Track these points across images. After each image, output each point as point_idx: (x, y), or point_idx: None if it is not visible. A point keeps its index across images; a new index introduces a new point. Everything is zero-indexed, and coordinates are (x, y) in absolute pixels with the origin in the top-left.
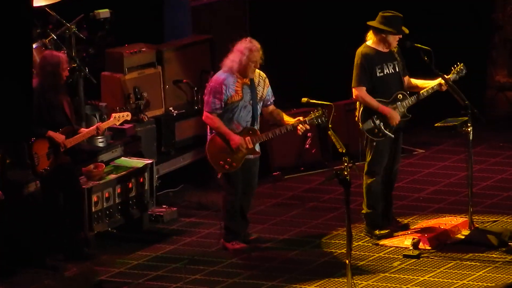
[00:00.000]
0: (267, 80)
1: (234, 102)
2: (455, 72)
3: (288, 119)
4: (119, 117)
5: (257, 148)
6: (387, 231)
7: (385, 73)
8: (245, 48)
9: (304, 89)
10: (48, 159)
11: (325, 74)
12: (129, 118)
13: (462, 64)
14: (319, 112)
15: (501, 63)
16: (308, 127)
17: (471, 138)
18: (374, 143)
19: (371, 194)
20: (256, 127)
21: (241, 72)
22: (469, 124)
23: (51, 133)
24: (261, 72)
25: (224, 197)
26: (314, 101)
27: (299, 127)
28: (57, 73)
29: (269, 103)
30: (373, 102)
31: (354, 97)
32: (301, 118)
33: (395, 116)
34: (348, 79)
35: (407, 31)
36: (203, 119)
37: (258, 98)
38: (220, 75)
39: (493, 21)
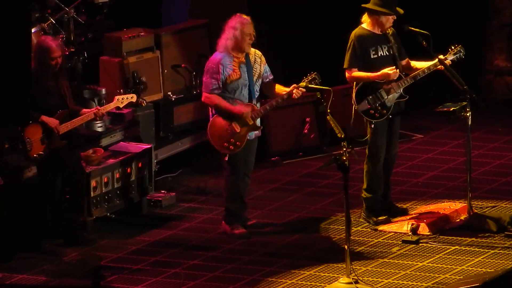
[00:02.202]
0: (263, 58)
1: (234, 81)
2: (452, 53)
3: (284, 90)
4: (122, 99)
5: (258, 123)
6: (384, 217)
7: (379, 55)
8: (236, 22)
9: (302, 74)
10: (42, 144)
11: (323, 59)
12: (134, 100)
13: (460, 45)
14: (312, 76)
15: (499, 48)
16: (303, 90)
17: (469, 123)
18: (372, 125)
19: (372, 178)
20: (254, 103)
21: (237, 48)
22: (467, 109)
23: (44, 117)
24: (257, 51)
25: (226, 177)
26: (312, 85)
27: (294, 92)
28: (45, 61)
29: (267, 80)
30: (365, 75)
31: (346, 78)
32: (294, 85)
33: (387, 74)
34: None
35: (401, 11)
36: (202, 100)
37: (257, 76)
38: (216, 55)
39: (490, 5)
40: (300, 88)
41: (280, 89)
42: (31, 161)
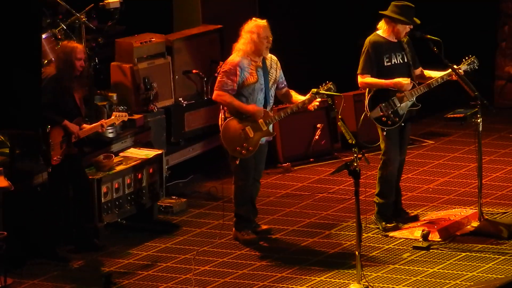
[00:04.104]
0: (278, 63)
1: (251, 85)
2: (466, 64)
3: (300, 98)
4: (118, 116)
5: (271, 129)
6: (393, 224)
7: (393, 62)
8: (253, 26)
9: (314, 79)
10: (61, 148)
11: (334, 65)
12: (126, 119)
13: (474, 56)
14: (328, 86)
15: (511, 54)
16: (318, 101)
17: (480, 129)
18: (384, 133)
19: (385, 184)
20: (268, 109)
21: (256, 52)
22: (478, 115)
23: (66, 122)
24: (273, 56)
25: (235, 183)
26: (323, 91)
27: (311, 104)
28: (69, 61)
29: (282, 85)
30: (377, 81)
31: (358, 84)
32: (311, 93)
33: (401, 83)
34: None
35: (418, 21)
36: (214, 98)
37: (272, 81)
38: (234, 57)
39: (502, 11)
40: (316, 100)
41: (295, 96)
42: (49, 165)
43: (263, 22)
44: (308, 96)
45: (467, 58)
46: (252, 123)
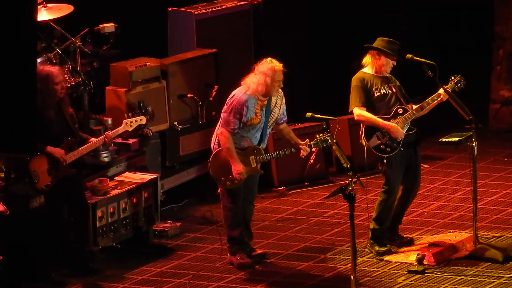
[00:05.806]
0: (283, 99)
1: (253, 124)
2: (453, 83)
3: (295, 140)
4: (131, 122)
5: (259, 167)
6: (386, 248)
7: (382, 92)
8: (268, 69)
9: (309, 104)
10: (50, 174)
11: (329, 89)
12: (143, 122)
13: (459, 76)
14: (324, 136)
15: (505, 77)
16: (311, 150)
17: (475, 153)
18: (385, 160)
19: (384, 210)
20: (262, 146)
21: (265, 94)
22: (473, 139)
23: (49, 148)
24: (280, 90)
25: (224, 206)
26: (318, 115)
27: (302, 150)
28: (47, 88)
29: (281, 121)
30: (374, 119)
31: (355, 118)
32: (307, 140)
33: (396, 129)
34: None
35: (401, 58)
36: (218, 134)
37: (273, 120)
38: (243, 96)
39: (496, 34)
40: (310, 148)
41: (290, 135)
42: (39, 193)
43: (279, 66)
44: (304, 143)
45: (453, 77)
46: (242, 157)
